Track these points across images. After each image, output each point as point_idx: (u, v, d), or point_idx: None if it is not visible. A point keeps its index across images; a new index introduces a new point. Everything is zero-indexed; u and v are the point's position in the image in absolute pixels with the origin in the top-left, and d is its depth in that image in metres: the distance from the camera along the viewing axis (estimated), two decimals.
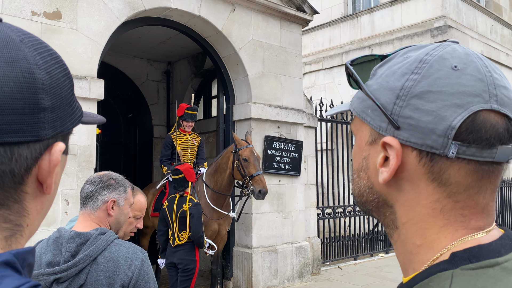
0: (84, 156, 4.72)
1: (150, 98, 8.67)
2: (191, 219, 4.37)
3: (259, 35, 6.46)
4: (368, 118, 0.60)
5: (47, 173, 0.55)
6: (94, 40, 4.85)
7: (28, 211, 0.55)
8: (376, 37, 11.60)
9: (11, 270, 0.48)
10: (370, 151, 0.62)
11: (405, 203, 0.58)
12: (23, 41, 0.53)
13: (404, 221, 0.59)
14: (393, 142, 0.56)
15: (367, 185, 0.63)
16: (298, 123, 6.82)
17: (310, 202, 7.29)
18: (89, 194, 1.74)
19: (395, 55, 0.61)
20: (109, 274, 1.58)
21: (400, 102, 0.56)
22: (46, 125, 0.53)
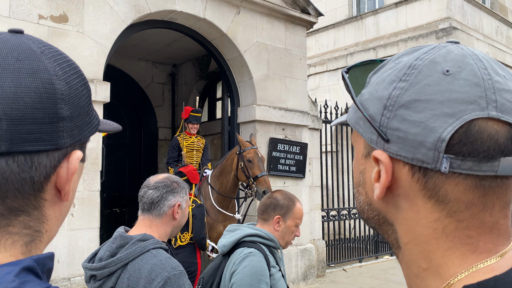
0: (90, 158, 4.75)
1: (155, 100, 8.71)
2: (193, 220, 4.37)
3: (264, 38, 6.47)
4: (361, 130, 0.56)
5: (65, 180, 0.56)
6: (100, 43, 4.89)
7: (47, 218, 0.57)
8: (381, 39, 11.59)
9: (32, 275, 0.50)
10: (366, 165, 0.57)
11: (404, 222, 0.53)
12: (44, 53, 0.55)
13: (405, 241, 0.54)
14: (382, 157, 0.52)
15: (365, 201, 0.59)
16: (302, 125, 6.82)
17: (315, 204, 7.29)
18: (155, 200, 1.70)
19: (389, 60, 0.57)
20: (131, 284, 1.51)
21: (388, 113, 0.51)
22: (64, 134, 0.54)
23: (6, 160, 0.51)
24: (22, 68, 0.52)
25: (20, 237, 0.54)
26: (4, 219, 0.53)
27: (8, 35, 0.55)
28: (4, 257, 0.53)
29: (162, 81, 8.87)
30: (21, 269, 0.49)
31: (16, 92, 0.50)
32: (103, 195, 7.45)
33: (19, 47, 0.53)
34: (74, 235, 4.62)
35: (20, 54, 0.53)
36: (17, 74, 0.51)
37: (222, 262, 2.09)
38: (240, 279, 1.92)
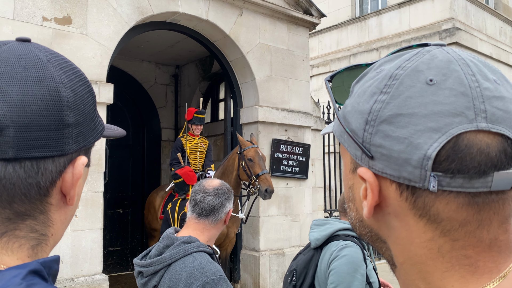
0: (93, 159, 4.77)
1: (158, 101, 8.73)
2: None
3: (267, 39, 6.49)
4: (346, 144, 0.52)
5: (71, 185, 0.58)
6: (103, 45, 4.91)
7: (53, 221, 0.58)
8: (384, 40, 11.58)
9: (39, 278, 0.51)
10: (354, 180, 0.54)
11: (397, 241, 0.50)
12: (50, 61, 0.56)
13: (401, 260, 0.51)
14: (366, 175, 0.48)
15: (357, 218, 0.55)
16: (305, 126, 6.83)
17: (317, 205, 7.29)
18: (216, 206, 1.73)
19: (371, 68, 0.53)
20: (171, 285, 1.54)
21: (370, 128, 0.47)
22: (70, 140, 0.56)
23: (14, 166, 0.52)
24: (29, 77, 0.53)
25: (26, 240, 0.55)
26: (12, 223, 0.55)
27: (15, 43, 0.57)
28: (11, 260, 0.54)
29: (165, 82, 8.89)
30: (28, 272, 0.50)
31: (23, 100, 0.52)
32: (106, 196, 7.47)
33: (26, 55, 0.55)
34: (78, 235, 4.64)
35: (27, 63, 0.54)
36: (24, 82, 0.53)
37: (314, 255, 2.16)
38: (338, 266, 2.02)
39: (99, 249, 4.77)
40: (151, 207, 6.14)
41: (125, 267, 7.97)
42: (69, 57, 4.78)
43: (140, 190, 8.21)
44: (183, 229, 1.75)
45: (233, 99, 6.66)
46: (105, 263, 7.14)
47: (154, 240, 6.23)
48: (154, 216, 6.03)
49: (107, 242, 7.58)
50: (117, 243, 7.90)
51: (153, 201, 6.16)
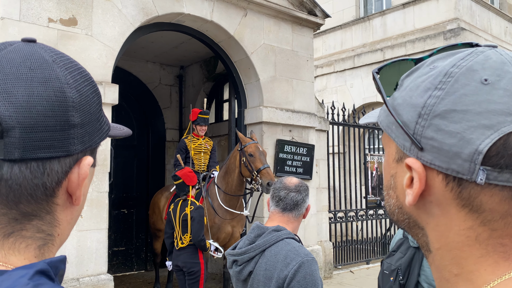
0: (99, 160, 4.80)
1: (163, 102, 8.76)
2: (192, 222, 4.41)
3: (271, 39, 6.49)
4: (393, 135, 0.55)
5: (76, 185, 0.58)
6: (108, 45, 4.93)
7: (59, 222, 0.59)
8: (388, 40, 11.56)
9: (45, 279, 0.51)
10: (397, 169, 0.57)
11: (436, 228, 0.53)
12: (55, 61, 0.57)
13: (437, 246, 0.54)
14: (415, 165, 0.51)
15: (396, 204, 0.58)
16: (309, 126, 6.83)
17: (322, 206, 7.28)
18: (299, 202, 1.91)
19: (423, 64, 0.56)
20: (268, 268, 1.71)
21: (422, 122, 0.50)
22: (75, 141, 0.56)
23: (20, 167, 0.52)
24: (35, 77, 0.53)
25: (33, 240, 0.56)
26: (18, 224, 0.55)
27: (21, 44, 0.57)
28: (18, 260, 0.54)
29: (170, 83, 8.92)
30: (35, 272, 0.50)
31: (29, 101, 0.52)
32: (111, 196, 7.50)
33: (32, 56, 0.55)
34: (83, 235, 4.66)
35: (32, 63, 0.54)
36: (29, 83, 0.53)
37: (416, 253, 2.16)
38: None
39: (104, 249, 4.79)
40: (156, 208, 6.15)
41: (130, 267, 8.00)
42: (75, 58, 4.77)
43: (144, 191, 8.24)
44: (268, 222, 1.92)
45: (238, 100, 6.67)
46: (110, 263, 7.17)
47: (159, 240, 6.25)
48: (159, 217, 6.05)
49: (112, 242, 7.61)
50: (122, 243, 7.92)
51: (157, 202, 6.18)
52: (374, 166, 8.60)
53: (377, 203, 8.58)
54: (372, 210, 8.54)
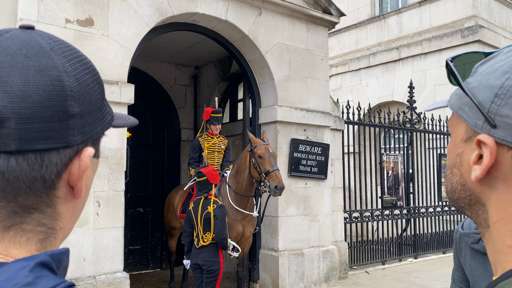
0: (115, 159, 4.85)
1: (178, 102, 8.81)
2: (215, 221, 4.42)
3: (285, 38, 6.48)
4: (465, 115, 0.60)
5: (77, 177, 0.56)
6: (124, 46, 4.99)
7: (61, 215, 0.57)
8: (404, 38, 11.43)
9: (47, 271, 0.50)
10: (465, 148, 0.61)
11: (497, 202, 0.57)
12: (53, 49, 0.54)
13: (495, 220, 0.58)
14: (488, 140, 0.55)
15: (459, 181, 0.63)
16: (324, 125, 6.79)
17: (337, 206, 7.23)
18: None
19: (499, 53, 0.61)
20: None
21: (498, 101, 0.55)
22: (75, 131, 0.54)
23: (16, 159, 0.51)
24: (31, 66, 0.51)
25: (34, 234, 0.54)
26: (18, 217, 0.53)
27: (18, 31, 0.55)
28: (19, 253, 0.53)
29: (185, 83, 8.97)
30: (36, 264, 0.49)
31: (25, 90, 0.50)
32: (127, 195, 7.58)
33: (28, 43, 0.53)
34: (99, 234, 4.71)
35: (28, 51, 0.52)
36: (25, 71, 0.50)
37: None
38: None
39: (120, 247, 4.84)
40: (170, 206, 6.19)
41: (145, 265, 8.07)
42: (91, 59, 4.87)
43: (160, 190, 8.30)
44: None
45: (252, 99, 6.67)
46: (125, 262, 7.24)
47: (174, 238, 6.29)
48: (173, 215, 6.08)
49: (128, 240, 7.69)
50: (138, 242, 8.00)
51: (172, 200, 6.22)
52: (390, 166, 8.51)
53: (393, 203, 8.49)
54: (388, 210, 8.45)
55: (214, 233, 4.41)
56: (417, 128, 9.13)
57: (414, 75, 10.81)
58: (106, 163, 4.79)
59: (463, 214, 0.66)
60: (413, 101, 9.10)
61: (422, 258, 8.82)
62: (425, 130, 9.30)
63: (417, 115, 9.18)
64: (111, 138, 4.82)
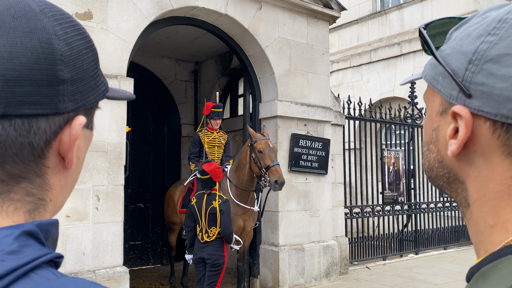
0: (114, 153, 4.84)
1: (178, 98, 8.79)
2: (221, 215, 4.42)
3: (286, 33, 6.44)
4: (439, 86, 0.56)
5: (68, 147, 0.54)
6: (123, 39, 4.96)
7: (51, 186, 0.54)
8: (405, 34, 11.38)
9: (33, 240, 0.48)
10: (441, 122, 0.57)
11: (476, 179, 0.53)
12: (43, 11, 0.52)
13: (475, 198, 0.54)
14: (463, 111, 0.51)
15: (436, 158, 0.59)
16: (325, 121, 6.76)
17: (337, 201, 7.21)
18: None
19: (473, 16, 0.57)
20: None
21: (473, 67, 0.51)
22: (65, 98, 0.52)
23: (2, 123, 0.48)
24: (18, 27, 0.49)
25: (22, 204, 0.52)
26: (5, 185, 0.51)
27: None
28: (6, 223, 0.51)
29: (185, 79, 8.95)
30: (21, 232, 0.47)
31: (11, 51, 0.47)
32: (127, 190, 7.57)
33: (17, 4, 0.51)
34: (99, 228, 4.70)
35: (17, 12, 0.50)
36: (12, 32, 0.48)
37: None
38: None
39: (119, 241, 4.83)
40: (171, 201, 6.18)
41: (146, 261, 8.07)
42: None
43: (160, 185, 8.29)
44: None
45: (252, 94, 6.64)
46: (126, 257, 7.24)
47: (174, 233, 6.28)
48: (174, 210, 6.07)
49: (128, 236, 7.68)
50: (138, 238, 8.00)
51: (172, 195, 6.21)
52: (391, 161, 8.48)
53: (394, 198, 8.46)
54: (388, 206, 8.43)
55: (220, 228, 4.42)
56: (419, 123, 9.10)
57: (415, 70, 10.76)
58: (106, 157, 4.78)
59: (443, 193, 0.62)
60: (415, 97, 9.06)
61: (423, 254, 8.80)
62: None
63: (418, 110, 9.14)
64: (111, 132, 4.80)
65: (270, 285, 6.14)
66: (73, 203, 4.55)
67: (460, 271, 7.20)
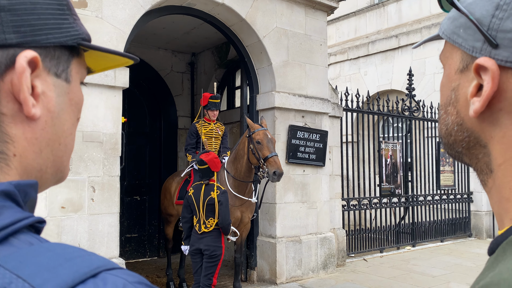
0: (109, 143, 4.78)
1: (174, 89, 8.72)
2: (220, 206, 4.38)
3: (283, 23, 6.37)
4: (460, 40, 0.52)
5: (18, 86, 0.47)
6: (119, 28, 4.89)
7: (11, 137, 0.48)
8: (403, 26, 11.32)
9: (11, 202, 0.43)
10: (461, 80, 0.52)
11: (502, 140, 0.49)
12: None
13: (500, 162, 0.49)
14: (489, 63, 0.47)
15: (455, 121, 0.54)
16: (323, 112, 6.71)
17: (335, 193, 7.19)
18: None
19: None
20: None
21: (501, 13, 0.46)
22: (4, 28, 0.45)
23: None
24: None
25: None
26: None
27: None
28: None
29: (182, 70, 8.87)
30: None
31: None
32: (123, 183, 7.51)
33: None
34: (95, 219, 4.65)
35: None
36: None
37: None
38: None
39: (115, 233, 4.79)
40: (167, 193, 6.13)
41: (143, 253, 8.03)
42: None
43: (157, 178, 8.24)
44: None
45: (249, 86, 6.58)
46: (123, 250, 7.20)
47: (171, 225, 6.23)
48: (170, 202, 6.03)
49: (125, 229, 7.64)
50: (135, 230, 7.95)
51: (169, 187, 6.16)
52: (388, 154, 8.45)
53: (391, 191, 8.45)
54: (386, 198, 8.41)
55: (218, 219, 4.38)
56: (416, 116, 9.07)
57: (413, 63, 10.72)
58: (101, 148, 4.72)
59: (460, 161, 0.56)
60: (412, 89, 9.03)
61: (420, 246, 8.81)
62: (424, 118, 9.24)
63: (416, 103, 9.11)
64: (106, 123, 4.74)
65: (267, 277, 6.12)
66: (68, 194, 4.49)
67: (457, 263, 7.21)
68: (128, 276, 0.42)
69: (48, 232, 4.41)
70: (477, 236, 9.80)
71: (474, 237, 9.83)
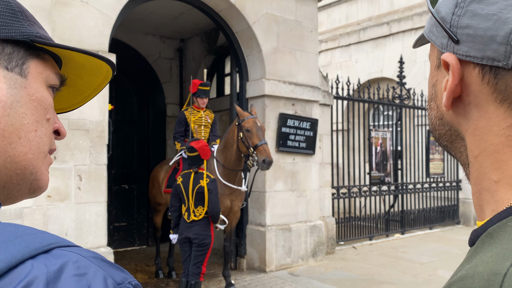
0: (96, 131, 4.68)
1: (163, 76, 8.58)
2: (209, 194, 4.35)
3: (274, 9, 6.27)
4: (433, 37, 0.54)
5: None
6: (105, 13, 4.75)
7: None
8: (395, 13, 11.25)
9: None
10: (438, 76, 0.55)
11: (474, 132, 0.51)
12: None
13: (476, 153, 0.51)
14: (449, 58, 0.49)
15: (437, 116, 0.56)
16: (313, 100, 6.66)
17: (325, 181, 7.18)
18: None
19: None
20: None
21: (459, 10, 0.49)
22: None
23: None
24: None
25: None
26: None
27: None
28: None
29: (170, 57, 8.72)
30: None
31: None
32: (111, 171, 7.42)
33: None
34: (82, 208, 4.58)
35: None
36: None
37: None
38: None
39: (103, 222, 4.72)
40: (155, 182, 6.06)
41: (131, 242, 7.98)
42: (70, 26, 4.63)
43: (145, 166, 8.15)
44: None
45: (239, 73, 6.49)
46: (111, 238, 7.14)
47: (159, 214, 6.18)
48: (158, 191, 5.96)
49: (113, 217, 7.56)
50: (123, 219, 7.88)
51: (157, 176, 6.09)
52: (378, 142, 8.45)
53: (381, 179, 8.47)
54: (375, 187, 8.44)
55: (208, 207, 4.35)
56: (407, 104, 9.06)
57: (404, 50, 10.68)
58: (87, 135, 4.62)
59: (450, 155, 0.57)
60: (403, 77, 9.00)
61: (409, 234, 8.88)
62: (414, 106, 9.24)
63: (406, 90, 9.09)
64: (92, 110, 4.63)
65: (256, 265, 6.12)
66: (55, 183, 4.40)
67: (444, 250, 7.28)
68: (83, 252, 0.44)
69: (34, 222, 4.33)
70: (465, 224, 9.92)
71: (462, 225, 9.94)
